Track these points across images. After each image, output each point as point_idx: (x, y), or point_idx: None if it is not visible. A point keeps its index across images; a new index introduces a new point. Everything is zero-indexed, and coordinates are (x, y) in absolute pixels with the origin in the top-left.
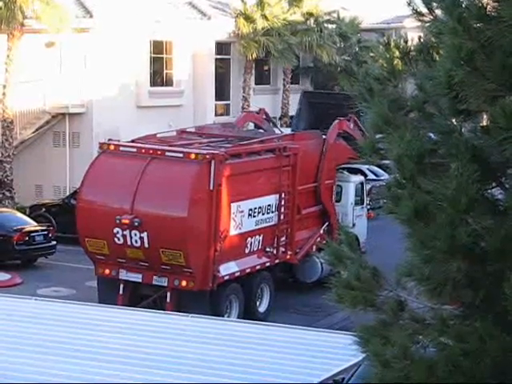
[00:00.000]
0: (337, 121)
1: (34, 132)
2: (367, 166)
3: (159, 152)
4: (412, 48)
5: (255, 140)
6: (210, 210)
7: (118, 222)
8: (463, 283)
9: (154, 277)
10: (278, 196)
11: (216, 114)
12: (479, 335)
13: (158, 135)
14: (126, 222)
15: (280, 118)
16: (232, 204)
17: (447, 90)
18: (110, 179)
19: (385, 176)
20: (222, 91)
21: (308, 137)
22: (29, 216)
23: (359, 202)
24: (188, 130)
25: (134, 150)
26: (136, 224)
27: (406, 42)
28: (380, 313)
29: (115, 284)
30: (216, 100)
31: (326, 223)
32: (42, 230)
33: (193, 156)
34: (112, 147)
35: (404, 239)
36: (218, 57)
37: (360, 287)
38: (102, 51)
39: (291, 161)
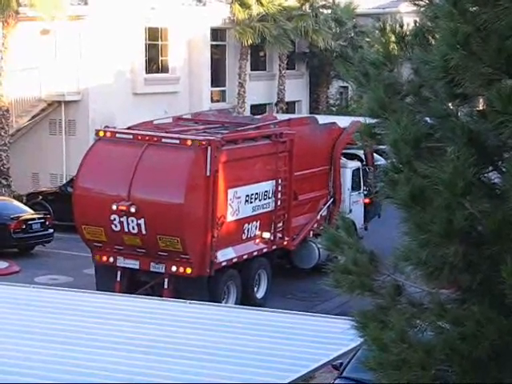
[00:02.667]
0: (357, 120)
1: (29, 120)
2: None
3: (155, 139)
4: (408, 32)
5: (251, 126)
6: (206, 196)
7: (114, 208)
8: (460, 267)
9: (152, 263)
10: (274, 182)
11: (212, 101)
12: (476, 319)
13: (154, 122)
14: (123, 208)
15: (276, 104)
16: (229, 190)
17: (443, 74)
18: (107, 166)
19: (381, 161)
20: (217, 77)
21: (304, 122)
22: (26, 204)
23: (356, 187)
24: (184, 116)
25: (131, 136)
26: (133, 211)
27: (401, 26)
28: (377, 297)
29: (113, 271)
30: (212, 86)
31: (331, 204)
32: (39, 218)
33: (189, 142)
34: (108, 134)
35: (401, 224)
36: (214, 43)
37: (357, 272)
38: (98, 38)
39: (287, 147)
